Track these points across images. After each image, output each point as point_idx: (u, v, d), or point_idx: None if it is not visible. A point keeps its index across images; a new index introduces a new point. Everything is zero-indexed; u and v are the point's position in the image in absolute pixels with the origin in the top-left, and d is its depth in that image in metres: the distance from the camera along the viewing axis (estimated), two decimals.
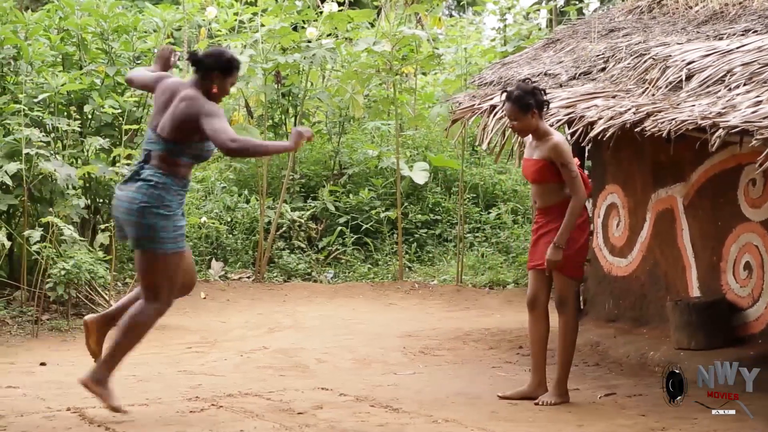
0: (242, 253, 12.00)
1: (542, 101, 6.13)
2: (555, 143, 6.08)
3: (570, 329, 6.20)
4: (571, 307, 6.21)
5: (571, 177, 6.06)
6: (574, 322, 6.24)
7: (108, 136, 10.03)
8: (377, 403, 6.12)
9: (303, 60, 11.67)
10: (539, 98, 6.12)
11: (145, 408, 5.91)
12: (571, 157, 6.09)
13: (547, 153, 6.08)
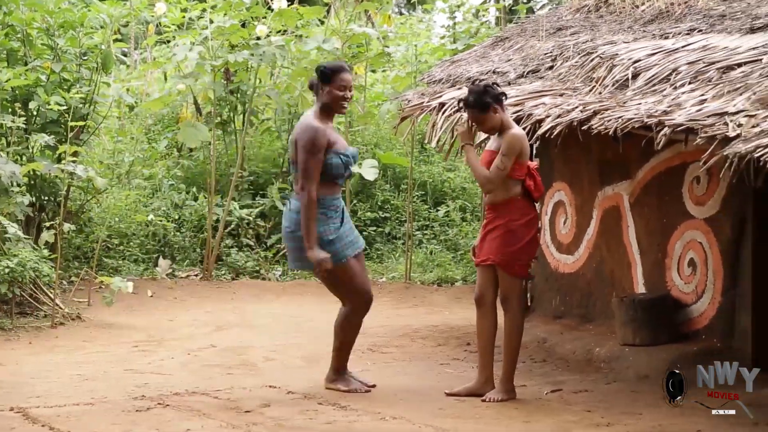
0: (190, 250, 11.93)
1: (497, 94, 6.18)
2: (509, 134, 6.14)
3: (515, 327, 6.22)
4: (516, 305, 6.24)
5: (497, 167, 6.10)
6: (520, 320, 6.27)
7: (53, 133, 9.91)
8: (325, 400, 6.12)
9: (252, 57, 11.62)
10: (494, 92, 6.16)
11: (91, 407, 5.86)
12: (511, 153, 6.09)
13: (500, 144, 6.14)
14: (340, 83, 6.34)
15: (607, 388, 6.53)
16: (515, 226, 6.17)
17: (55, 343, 8.42)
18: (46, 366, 7.32)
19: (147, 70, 14.17)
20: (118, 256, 11.55)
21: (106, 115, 11.16)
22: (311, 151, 6.21)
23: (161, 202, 12.26)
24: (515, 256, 6.18)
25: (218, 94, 12.06)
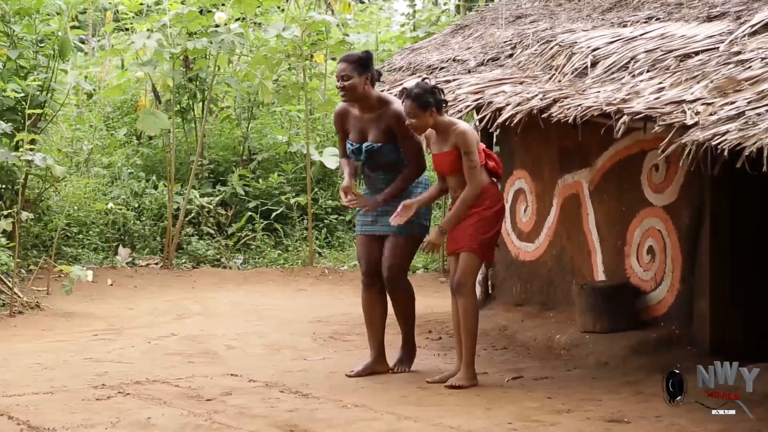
0: (150, 239, 11.87)
1: (441, 100, 6.23)
2: (461, 131, 6.17)
3: (471, 310, 6.25)
4: (471, 289, 6.29)
5: (470, 167, 6.16)
6: (475, 302, 6.32)
7: (10, 121, 9.82)
8: (287, 388, 6.12)
9: (211, 45, 11.56)
10: (438, 97, 6.21)
11: (50, 396, 5.83)
12: (474, 147, 6.16)
13: (454, 141, 6.17)
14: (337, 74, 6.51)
15: (568, 374, 6.58)
16: (490, 213, 6.24)
17: (14, 332, 8.36)
18: (4, 355, 7.26)
19: (105, 57, 14.05)
20: (78, 244, 11.47)
21: (63, 102, 11.08)
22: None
23: (121, 190, 12.18)
24: (489, 243, 6.27)
25: (177, 82, 11.99)
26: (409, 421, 5.31)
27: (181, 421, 5.25)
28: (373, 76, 6.46)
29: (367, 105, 6.47)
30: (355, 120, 6.52)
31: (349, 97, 6.43)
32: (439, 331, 8.21)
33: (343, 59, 6.51)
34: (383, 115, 6.43)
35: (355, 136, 6.53)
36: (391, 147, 6.44)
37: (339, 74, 6.44)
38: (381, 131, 6.43)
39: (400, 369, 6.62)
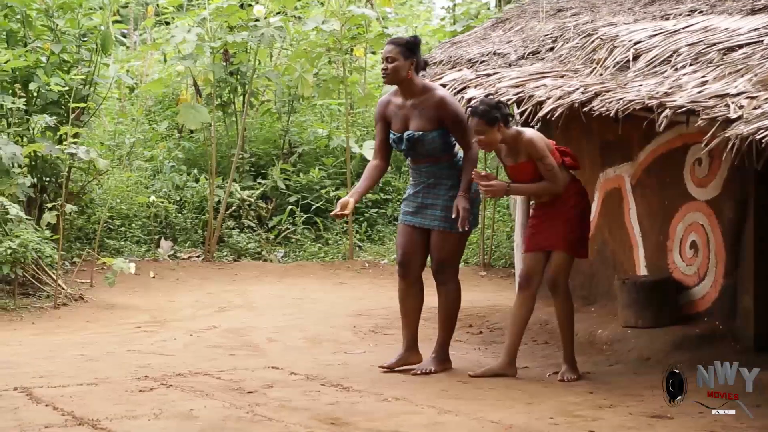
0: (192, 232, 11.95)
1: (507, 114, 6.23)
2: (527, 139, 6.20)
3: (569, 307, 6.29)
4: (566, 287, 6.30)
5: (547, 170, 6.20)
6: (571, 300, 6.33)
7: (54, 114, 9.92)
8: (328, 381, 6.13)
9: (251, 38, 11.60)
10: (504, 111, 6.21)
11: (94, 387, 5.88)
12: (545, 151, 6.19)
13: (527, 151, 6.18)
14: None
15: (610, 370, 6.55)
16: (576, 212, 6.30)
17: (58, 324, 8.45)
18: (49, 346, 7.34)
19: (146, 51, 14.14)
20: (120, 237, 11.57)
21: (106, 96, 11.16)
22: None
23: (162, 183, 12.27)
24: (579, 240, 6.31)
25: (218, 76, 12.04)
26: (449, 415, 5.31)
27: (222, 413, 5.28)
28: (419, 63, 6.42)
29: (409, 91, 6.41)
30: (398, 108, 6.46)
31: (391, 80, 6.38)
32: (479, 325, 8.21)
33: (390, 41, 6.47)
34: (427, 103, 6.37)
35: (397, 126, 6.46)
36: (434, 136, 6.35)
37: (384, 56, 6.39)
38: (425, 119, 6.36)
39: (425, 370, 6.44)
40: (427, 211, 6.44)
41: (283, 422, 5.08)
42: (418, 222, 6.51)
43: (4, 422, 4.99)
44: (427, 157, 6.43)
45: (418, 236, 6.52)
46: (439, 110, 6.35)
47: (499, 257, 11.56)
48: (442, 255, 6.47)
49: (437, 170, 6.44)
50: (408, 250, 6.53)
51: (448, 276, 6.52)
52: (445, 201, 6.41)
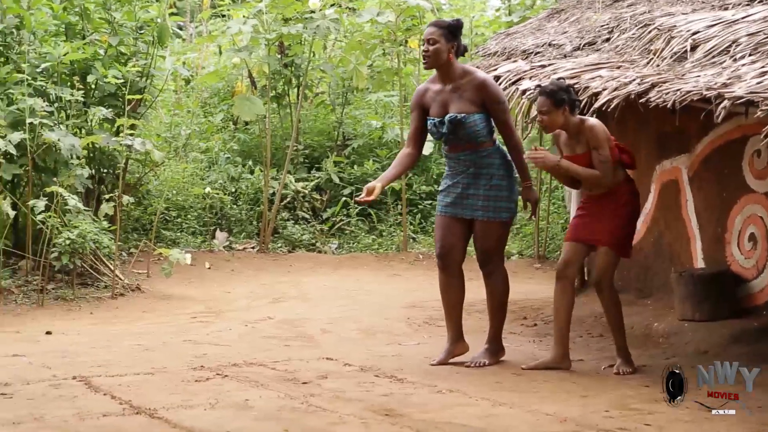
0: (246, 223, 12.03)
1: (575, 100, 6.20)
2: (590, 125, 6.17)
3: (616, 303, 6.26)
4: (610, 284, 6.27)
5: (600, 161, 6.15)
6: (617, 296, 6.30)
7: (111, 106, 10.02)
8: (382, 373, 6.14)
9: (306, 30, 11.64)
10: (572, 96, 6.18)
11: (151, 377, 5.94)
12: (604, 143, 6.15)
13: (587, 138, 6.15)
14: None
15: (666, 363, 6.48)
16: (626, 210, 6.25)
17: (116, 314, 8.55)
18: (107, 336, 7.43)
19: (202, 43, 14.24)
20: (176, 228, 11.68)
21: (162, 88, 11.26)
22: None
23: (218, 175, 12.36)
24: (625, 239, 6.26)
25: (273, 68, 12.10)
26: (503, 407, 5.29)
27: (277, 403, 5.31)
28: (460, 47, 6.37)
29: (449, 75, 6.36)
30: (436, 94, 6.39)
31: (431, 62, 6.34)
32: (534, 317, 8.18)
33: (432, 23, 6.43)
34: (467, 85, 6.32)
35: (436, 110, 6.38)
36: (475, 119, 6.27)
37: (426, 37, 6.34)
38: (466, 101, 6.29)
39: (478, 363, 6.42)
40: (468, 201, 6.39)
41: (337, 413, 5.10)
42: (459, 213, 6.43)
43: (64, 410, 5.06)
44: (467, 143, 6.34)
45: (459, 227, 6.46)
46: (481, 92, 6.31)
47: (553, 249, 11.50)
48: (487, 245, 6.43)
49: (477, 158, 6.37)
50: (448, 242, 6.47)
51: (495, 265, 6.49)
52: (487, 190, 6.35)
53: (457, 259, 6.49)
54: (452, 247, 6.46)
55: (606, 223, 6.20)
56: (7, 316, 8.30)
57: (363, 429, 4.81)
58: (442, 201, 6.52)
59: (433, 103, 6.41)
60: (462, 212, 6.42)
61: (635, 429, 4.89)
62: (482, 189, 6.35)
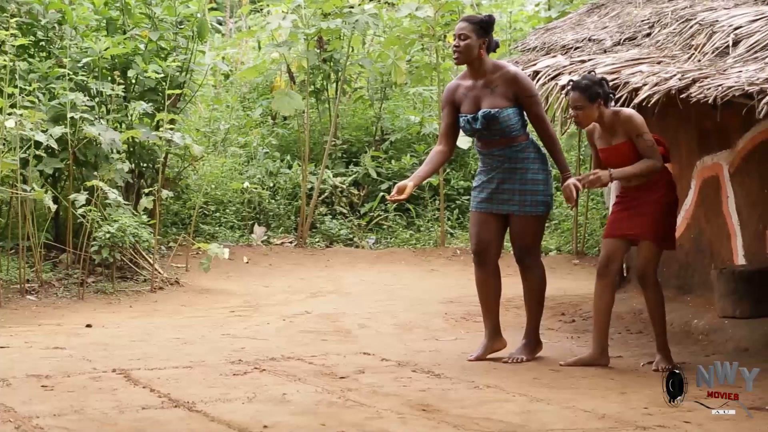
0: (284, 218, 12.06)
1: (608, 93, 6.15)
2: (627, 116, 6.12)
3: (659, 298, 6.21)
4: (654, 278, 6.22)
5: (647, 147, 6.10)
6: (661, 291, 6.25)
7: (151, 101, 10.09)
8: (419, 368, 6.14)
9: (345, 25, 11.65)
10: (606, 89, 6.14)
11: (190, 370, 5.97)
12: (645, 127, 6.11)
13: (624, 130, 6.10)
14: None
15: (706, 360, 6.43)
16: (666, 201, 6.21)
17: (155, 307, 8.61)
18: (146, 329, 7.48)
19: (241, 38, 14.30)
20: (215, 222, 11.73)
21: (201, 83, 11.31)
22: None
23: (256, 169, 12.41)
24: (667, 231, 6.23)
25: (311, 63, 12.12)
26: (541, 404, 5.27)
27: (315, 398, 5.32)
28: (491, 43, 6.34)
29: (480, 71, 6.34)
30: (467, 90, 6.38)
31: (463, 58, 6.32)
32: (572, 313, 8.14)
33: (464, 18, 6.41)
34: (499, 80, 6.30)
35: (468, 107, 6.36)
36: (509, 113, 6.25)
37: (457, 33, 6.32)
38: (498, 96, 6.28)
39: (516, 358, 6.40)
40: (504, 196, 6.37)
41: (374, 408, 5.10)
42: (494, 208, 6.41)
43: (104, 403, 5.10)
44: (501, 137, 6.32)
45: (494, 223, 6.44)
46: (513, 86, 6.29)
47: (592, 245, 11.45)
48: (524, 240, 6.42)
49: (511, 153, 6.35)
50: (484, 238, 6.45)
51: (533, 260, 6.47)
52: (522, 184, 6.34)
53: (493, 255, 6.48)
54: (488, 243, 6.44)
55: (645, 216, 6.15)
56: (48, 309, 8.38)
57: (400, 424, 4.81)
58: (476, 197, 6.50)
59: (464, 100, 6.39)
60: (498, 207, 6.40)
61: (674, 427, 4.85)
62: (518, 183, 6.34)
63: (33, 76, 9.36)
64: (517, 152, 6.34)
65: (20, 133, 8.51)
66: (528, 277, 6.48)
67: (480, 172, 6.53)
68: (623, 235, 6.23)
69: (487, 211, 6.43)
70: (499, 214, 6.41)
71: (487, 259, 6.47)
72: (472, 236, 6.55)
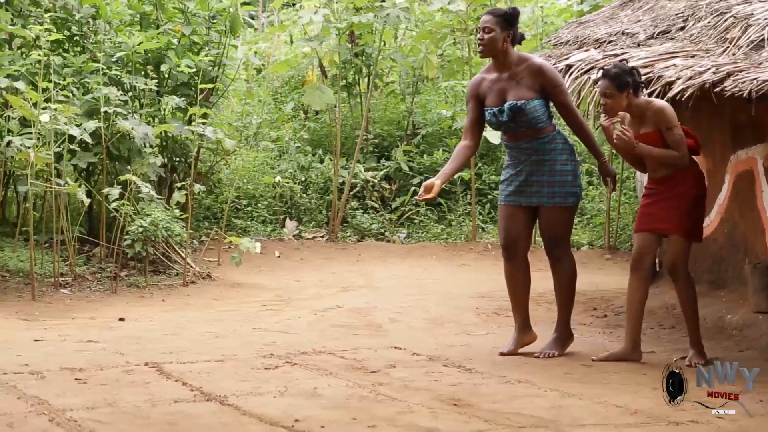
0: (316, 212, 12.08)
1: (638, 82, 6.12)
2: (658, 107, 6.09)
3: (691, 292, 6.17)
4: (686, 272, 6.18)
5: (676, 140, 6.07)
6: (693, 286, 6.21)
7: (184, 95, 10.13)
8: (450, 362, 6.13)
9: (377, 20, 11.64)
10: (636, 79, 6.10)
11: (221, 364, 5.99)
12: (675, 120, 6.08)
13: (654, 120, 6.07)
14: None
15: (739, 356, 6.39)
16: (693, 195, 6.16)
17: (187, 301, 8.65)
18: (178, 323, 7.52)
19: (273, 33, 14.32)
20: (247, 216, 11.77)
21: (234, 77, 11.35)
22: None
23: (288, 164, 12.43)
24: (695, 224, 6.18)
25: (343, 57, 12.13)
26: (573, 399, 5.25)
27: (346, 392, 5.33)
28: (516, 36, 6.32)
29: (505, 64, 6.31)
30: (492, 83, 6.36)
31: (487, 52, 6.30)
32: (604, 308, 8.11)
33: (488, 11, 6.40)
34: (524, 72, 6.28)
35: (493, 100, 6.33)
36: (535, 104, 6.24)
37: (481, 26, 6.32)
38: (524, 88, 6.26)
39: (548, 353, 6.38)
40: (532, 188, 6.35)
41: (405, 402, 5.10)
42: (523, 201, 6.39)
43: (136, 396, 5.13)
44: (528, 129, 6.30)
45: (523, 216, 6.42)
46: (539, 78, 6.27)
47: (624, 240, 11.39)
48: (554, 231, 6.39)
49: (538, 145, 6.32)
50: (513, 232, 6.44)
51: (563, 251, 6.44)
52: (551, 176, 6.32)
53: (522, 249, 6.47)
54: (517, 236, 6.43)
55: (672, 210, 6.11)
56: (81, 303, 8.44)
57: (431, 418, 4.81)
58: (504, 190, 6.48)
59: (489, 93, 6.37)
60: (527, 200, 6.38)
61: (707, 422, 4.83)
62: (546, 175, 6.32)
63: (67, 71, 9.42)
64: (544, 144, 6.33)
65: (54, 128, 8.57)
66: (558, 269, 6.46)
67: (507, 165, 6.50)
68: (652, 229, 6.20)
69: (516, 204, 6.41)
70: (528, 207, 6.40)
71: (515, 252, 6.45)
72: (501, 230, 6.54)
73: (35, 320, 7.63)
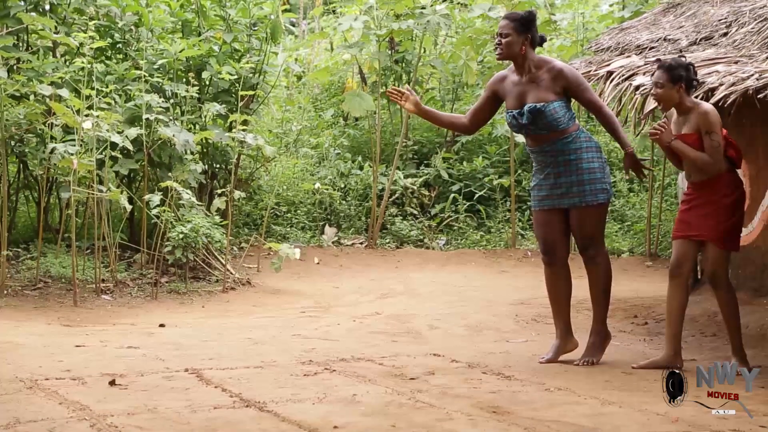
0: (355, 219, 12.09)
1: (692, 79, 6.08)
2: (704, 110, 6.04)
3: (731, 300, 6.11)
4: (725, 280, 6.12)
5: (713, 147, 6.01)
6: (733, 293, 6.15)
7: (225, 102, 10.17)
8: (489, 370, 6.11)
9: (417, 26, 11.64)
10: (690, 75, 6.07)
11: (261, 370, 6.01)
12: (717, 128, 6.02)
13: (696, 122, 6.03)
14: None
15: None
16: (728, 202, 6.10)
17: (227, 308, 8.68)
18: (218, 329, 7.54)
19: (314, 40, 14.37)
20: (286, 223, 11.80)
21: (274, 84, 11.39)
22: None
23: (328, 170, 12.46)
24: (730, 231, 6.11)
25: (383, 64, 12.14)
26: (613, 407, 5.22)
27: (385, 399, 5.32)
28: (534, 39, 6.31)
29: (524, 67, 6.31)
30: (513, 85, 6.36)
31: (504, 55, 6.31)
32: (645, 316, 8.05)
33: (505, 16, 6.41)
34: (544, 75, 6.28)
35: (512, 103, 6.35)
36: (555, 106, 6.22)
37: (498, 30, 6.34)
38: (544, 90, 6.25)
39: (587, 361, 6.33)
40: (562, 190, 6.32)
41: (444, 409, 5.09)
42: (555, 204, 6.37)
43: (176, 402, 5.15)
44: (549, 132, 6.28)
45: (558, 219, 6.40)
46: (561, 80, 6.26)
47: (665, 247, 11.31)
48: (586, 230, 6.36)
49: (562, 147, 6.29)
50: (551, 237, 6.42)
51: (597, 250, 6.40)
52: (579, 175, 6.28)
53: (562, 254, 6.44)
54: (555, 242, 6.41)
55: (707, 218, 6.06)
56: (122, 308, 8.49)
57: (470, 426, 4.79)
58: (536, 196, 6.48)
59: (509, 96, 6.39)
60: (559, 202, 6.36)
61: (749, 431, 4.77)
62: (574, 175, 6.29)
63: (110, 78, 9.50)
64: (568, 143, 6.30)
65: (97, 135, 8.64)
66: (592, 267, 6.41)
67: (535, 171, 6.49)
68: (687, 236, 6.15)
69: (549, 208, 6.40)
70: (561, 209, 6.37)
71: (555, 257, 6.43)
72: (538, 237, 6.53)
73: (77, 326, 7.69)
